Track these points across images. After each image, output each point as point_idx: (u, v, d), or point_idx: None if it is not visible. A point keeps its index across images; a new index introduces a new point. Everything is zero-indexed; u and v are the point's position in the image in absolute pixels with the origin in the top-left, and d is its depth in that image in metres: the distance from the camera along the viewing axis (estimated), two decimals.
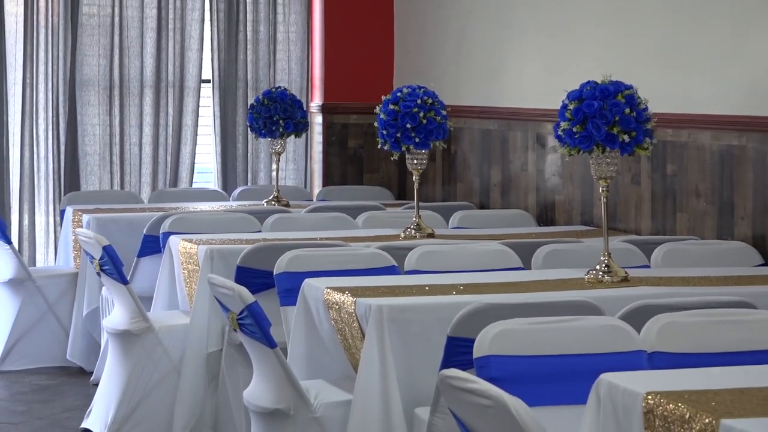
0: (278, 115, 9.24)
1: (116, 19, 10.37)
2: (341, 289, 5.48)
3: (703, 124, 7.30)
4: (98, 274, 7.03)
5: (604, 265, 5.82)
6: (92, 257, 6.99)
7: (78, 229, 8.14)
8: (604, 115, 5.58)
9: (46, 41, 10.14)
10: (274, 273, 6.15)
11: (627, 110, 5.61)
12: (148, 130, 10.46)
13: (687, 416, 3.54)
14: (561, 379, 4.32)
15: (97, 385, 7.33)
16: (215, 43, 10.64)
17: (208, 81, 10.69)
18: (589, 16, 8.38)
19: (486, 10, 9.50)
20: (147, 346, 6.83)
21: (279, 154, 9.45)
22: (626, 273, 5.87)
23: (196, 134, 10.63)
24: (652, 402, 3.67)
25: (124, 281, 6.85)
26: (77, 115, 10.26)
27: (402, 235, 7.42)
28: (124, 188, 10.31)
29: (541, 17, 8.90)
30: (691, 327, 4.55)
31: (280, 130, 9.27)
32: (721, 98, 7.22)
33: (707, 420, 3.47)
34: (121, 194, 9.83)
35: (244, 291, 5.24)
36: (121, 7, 10.37)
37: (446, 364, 4.67)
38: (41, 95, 10.14)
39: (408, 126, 7.19)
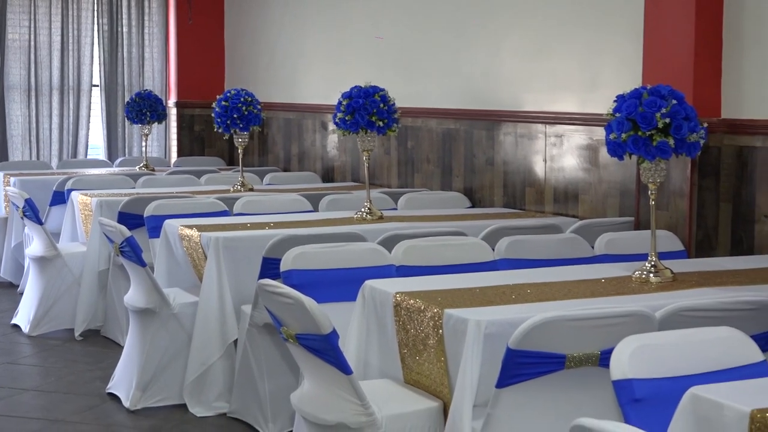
0: (146, 108, 9.15)
1: (32, 42, 10.13)
2: (190, 227, 5.41)
3: (431, 114, 7.36)
4: (22, 218, 6.85)
5: (366, 208, 5.84)
6: (17, 206, 6.84)
7: (7, 188, 7.94)
8: (366, 109, 5.58)
9: None
10: (144, 216, 6.07)
11: (381, 105, 5.62)
12: (55, 120, 10.25)
13: (422, 308, 3.56)
14: (339, 285, 4.32)
15: (22, 294, 7.17)
16: (102, 59, 10.44)
17: (97, 85, 10.50)
18: (357, 41, 8.38)
19: (287, 36, 9.43)
20: (56, 266, 6.70)
21: (147, 135, 9.32)
22: (381, 213, 5.90)
23: (89, 122, 10.46)
24: (399, 299, 3.69)
25: (40, 222, 6.69)
26: (5, 109, 10.04)
27: (231, 189, 7.37)
28: (39, 159, 10.10)
29: (324, 41, 8.87)
30: (425, 248, 4.60)
31: (147, 119, 9.17)
32: (444, 97, 7.28)
33: (435, 310, 3.50)
34: (38, 163, 9.59)
35: (123, 228, 5.15)
36: (36, 34, 10.13)
37: (262, 276, 4.65)
38: None
39: (235, 116, 7.21)
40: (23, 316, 6.83)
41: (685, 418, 2.41)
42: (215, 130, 7.37)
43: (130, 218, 6.26)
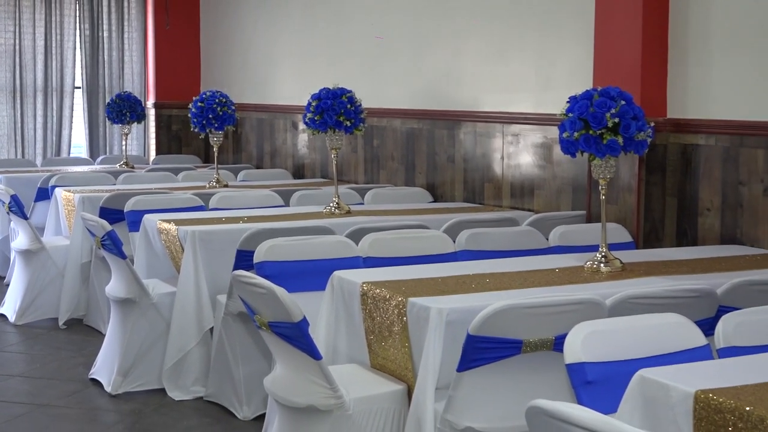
0: (126, 109, 9.11)
1: (17, 46, 10.07)
2: (168, 221, 5.38)
3: (395, 114, 7.35)
4: (8, 213, 6.79)
5: (335, 203, 5.83)
6: (3, 202, 6.78)
7: None
8: (335, 109, 5.57)
9: None
10: (125, 211, 6.03)
11: (349, 106, 5.61)
12: (40, 120, 10.18)
13: (387, 296, 3.56)
14: (309, 275, 4.31)
15: (8, 285, 7.10)
16: (84, 62, 10.38)
17: (79, 87, 10.43)
18: (324, 48, 8.36)
19: (259, 41, 9.40)
20: (41, 259, 6.64)
21: (126, 134, 9.28)
22: (349, 207, 5.89)
23: (72, 122, 10.38)
24: (365, 288, 3.68)
25: (25, 217, 6.63)
26: None
27: (207, 185, 7.33)
28: (24, 157, 10.03)
29: (295, 45, 8.84)
30: (390, 240, 4.59)
31: (127, 119, 9.13)
32: (406, 98, 7.28)
33: (400, 298, 3.50)
34: (23, 161, 9.53)
35: (104, 222, 5.11)
36: (21, 39, 10.07)
37: (236, 267, 4.63)
38: None
39: (210, 116, 7.18)
40: (9, 306, 6.78)
41: (634, 399, 2.42)
42: (192, 129, 7.33)
43: (111, 213, 6.22)
